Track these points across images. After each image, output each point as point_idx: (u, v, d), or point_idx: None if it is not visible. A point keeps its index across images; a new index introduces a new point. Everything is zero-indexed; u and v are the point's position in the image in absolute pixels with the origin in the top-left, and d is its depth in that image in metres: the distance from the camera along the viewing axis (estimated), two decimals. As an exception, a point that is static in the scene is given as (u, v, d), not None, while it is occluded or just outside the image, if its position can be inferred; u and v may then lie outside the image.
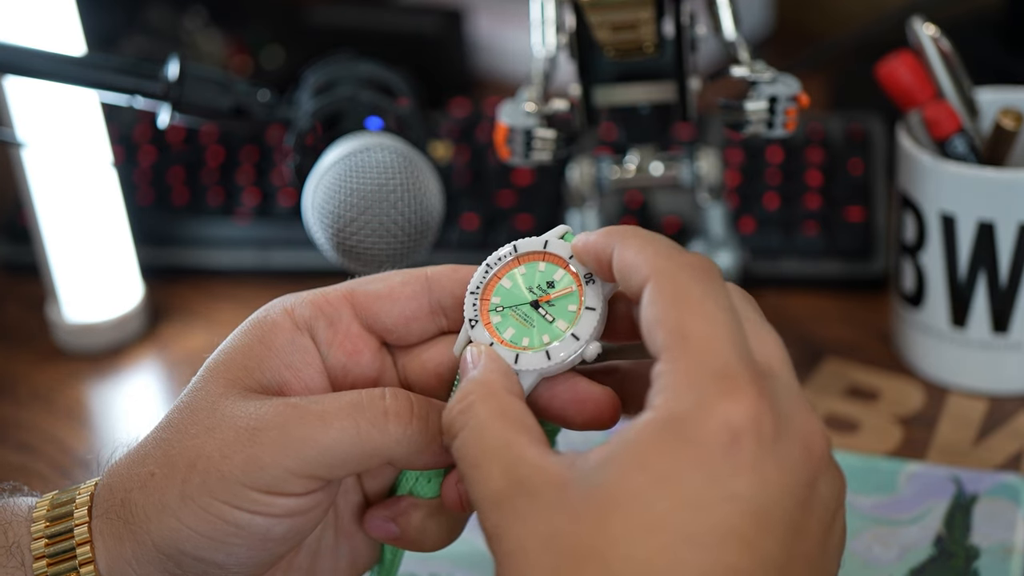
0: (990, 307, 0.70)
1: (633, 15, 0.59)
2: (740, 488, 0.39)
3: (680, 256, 0.43)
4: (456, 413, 0.44)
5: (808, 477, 0.41)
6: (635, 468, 0.40)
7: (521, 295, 0.47)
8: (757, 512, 0.39)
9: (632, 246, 0.44)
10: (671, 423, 0.40)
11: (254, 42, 1.06)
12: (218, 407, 0.46)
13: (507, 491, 0.41)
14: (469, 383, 0.44)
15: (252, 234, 0.88)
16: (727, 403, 0.40)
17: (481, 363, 0.45)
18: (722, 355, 0.40)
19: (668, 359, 0.41)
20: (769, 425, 0.40)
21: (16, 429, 0.76)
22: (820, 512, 0.41)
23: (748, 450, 0.39)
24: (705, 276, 0.42)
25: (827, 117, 0.91)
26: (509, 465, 0.41)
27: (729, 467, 0.39)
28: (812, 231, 0.83)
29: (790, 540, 0.40)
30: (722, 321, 0.41)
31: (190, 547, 0.45)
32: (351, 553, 0.51)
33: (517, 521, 0.40)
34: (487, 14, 1.11)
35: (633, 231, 0.45)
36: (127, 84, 0.66)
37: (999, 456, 0.68)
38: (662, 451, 0.40)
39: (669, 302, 0.42)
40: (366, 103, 0.66)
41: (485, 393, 0.44)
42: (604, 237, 0.45)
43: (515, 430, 0.42)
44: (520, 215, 0.86)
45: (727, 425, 0.39)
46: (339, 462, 0.45)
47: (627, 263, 0.44)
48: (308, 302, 0.49)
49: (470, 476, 0.42)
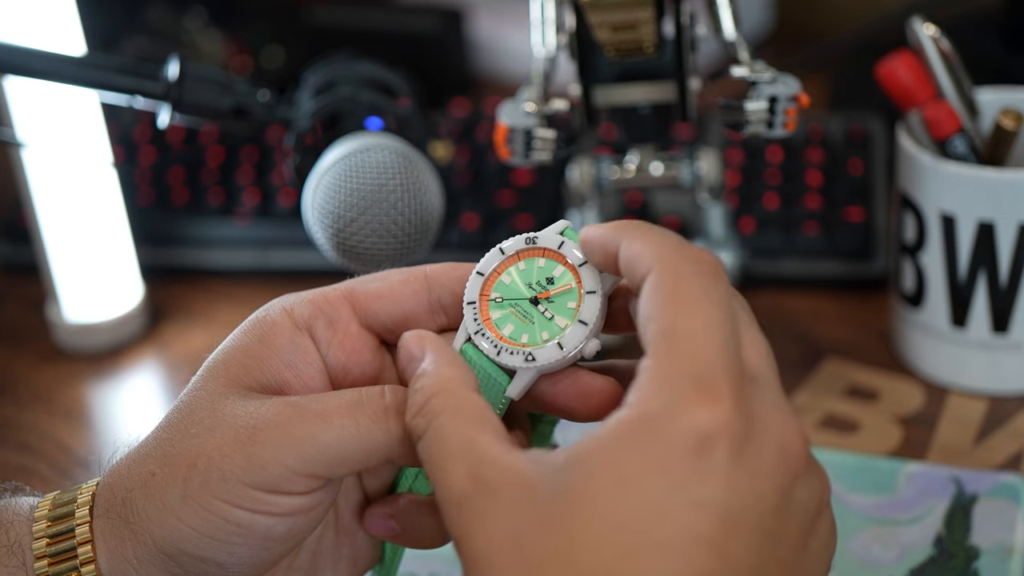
0: (990, 307, 0.70)
1: (633, 15, 0.59)
2: (708, 494, 0.38)
3: (685, 250, 0.43)
4: (418, 416, 0.43)
5: (783, 482, 0.40)
6: (601, 469, 0.39)
7: (520, 291, 0.47)
8: (726, 517, 0.38)
9: (639, 238, 0.44)
10: (641, 423, 0.40)
11: (254, 42, 1.06)
12: (218, 406, 0.46)
13: (471, 492, 0.40)
14: (426, 382, 0.44)
15: (252, 234, 0.88)
16: (700, 408, 0.39)
17: (430, 356, 0.44)
18: (705, 357, 0.40)
19: (653, 356, 0.41)
20: (741, 431, 0.39)
21: (16, 429, 0.76)
22: (798, 516, 0.41)
23: (717, 456, 0.39)
24: (707, 272, 0.42)
25: (827, 117, 0.91)
26: (472, 465, 0.41)
27: (695, 472, 0.39)
28: (812, 231, 0.83)
29: (764, 545, 0.39)
30: (715, 321, 0.41)
31: (191, 547, 0.45)
32: (352, 552, 0.51)
33: (481, 523, 0.40)
34: (487, 14, 1.12)
35: (641, 225, 0.45)
36: (127, 84, 0.66)
37: (999, 456, 0.68)
38: (629, 452, 0.39)
39: (666, 297, 0.42)
40: (366, 103, 0.66)
41: (441, 390, 0.43)
42: (612, 230, 0.45)
43: (476, 428, 0.42)
44: (520, 215, 0.86)
45: (696, 430, 0.39)
46: (340, 460, 0.45)
47: (633, 255, 0.44)
48: (308, 301, 0.48)
49: (435, 478, 0.42)
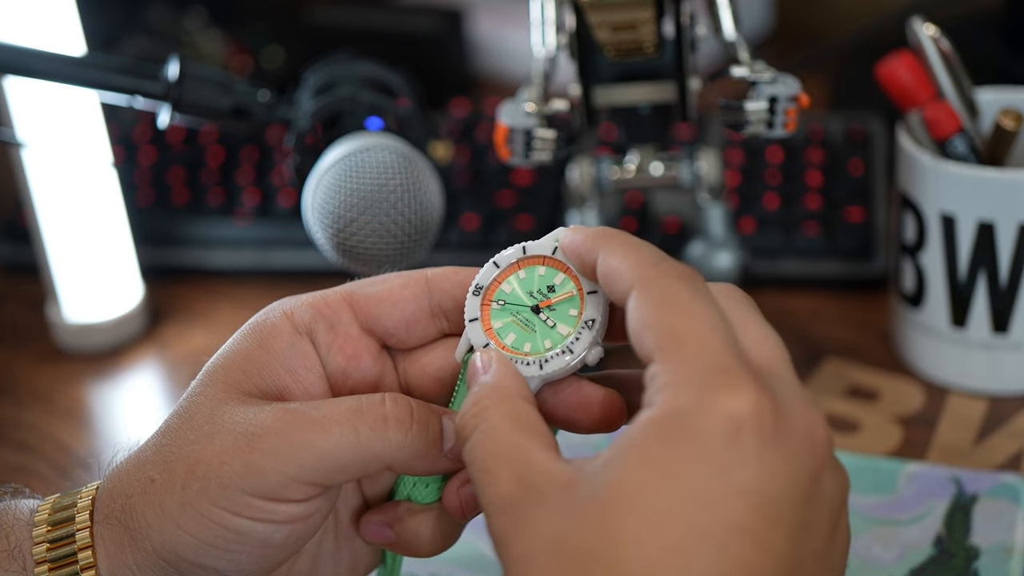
0: (990, 307, 0.70)
1: (633, 15, 0.59)
2: (746, 481, 0.39)
3: (664, 263, 0.43)
4: (469, 416, 0.44)
5: (812, 469, 0.40)
6: (639, 465, 0.39)
7: (521, 300, 0.47)
8: (764, 506, 0.39)
9: (616, 254, 0.44)
10: (673, 418, 0.40)
11: (254, 42, 1.06)
12: (217, 413, 0.46)
13: (516, 495, 0.41)
14: (482, 388, 0.44)
15: (252, 234, 0.88)
16: (728, 396, 0.39)
17: (493, 367, 0.45)
18: (718, 352, 0.40)
19: (662, 359, 0.41)
20: (770, 417, 0.39)
21: (16, 429, 0.76)
22: (826, 507, 0.41)
23: (751, 442, 0.39)
24: (690, 281, 0.42)
25: (827, 117, 0.91)
26: (518, 469, 0.41)
27: (733, 459, 0.39)
28: (812, 231, 0.83)
29: (798, 534, 0.40)
30: (713, 321, 0.41)
31: (190, 553, 0.45)
32: (352, 558, 0.50)
33: (525, 526, 0.40)
34: (487, 14, 1.11)
35: (619, 237, 0.44)
36: (127, 84, 0.66)
37: (999, 456, 0.68)
38: (665, 447, 0.39)
39: (657, 306, 0.42)
40: (366, 103, 0.66)
41: (498, 398, 0.44)
42: (590, 241, 0.45)
43: (526, 435, 0.42)
44: (520, 215, 0.86)
45: (729, 417, 0.39)
46: (338, 468, 0.45)
47: (611, 269, 0.44)
48: (308, 305, 0.48)
49: (479, 480, 0.42)
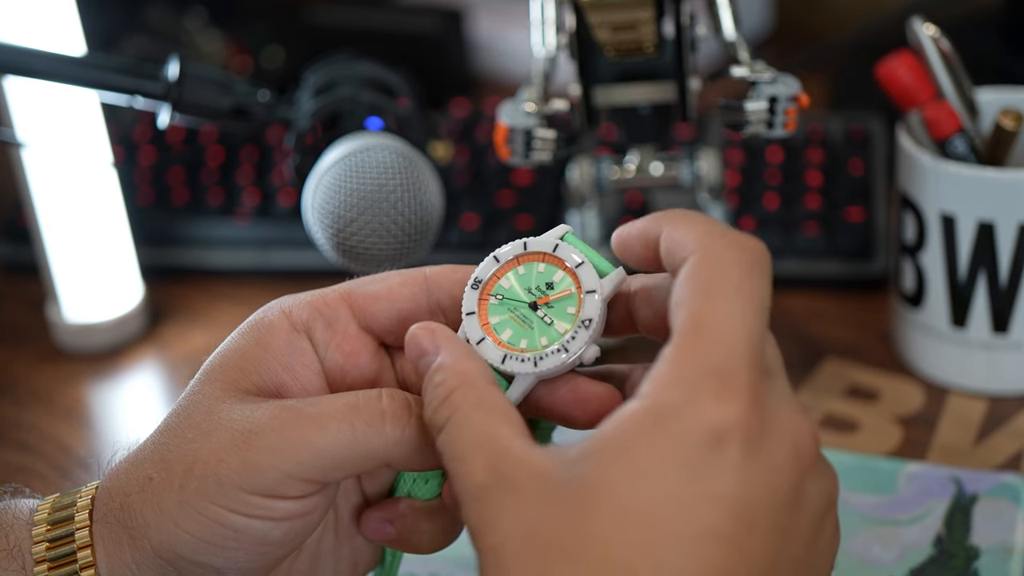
0: (990, 307, 0.70)
1: (633, 15, 0.59)
2: (722, 488, 0.39)
3: (731, 236, 0.43)
4: (439, 406, 0.43)
5: (795, 478, 0.40)
6: (616, 460, 0.39)
7: (519, 296, 0.47)
8: (741, 512, 0.39)
9: (681, 226, 0.44)
10: (655, 415, 0.40)
11: (254, 42, 1.06)
12: (214, 411, 0.46)
13: (490, 484, 0.40)
14: (444, 374, 0.43)
15: (252, 234, 0.88)
16: (715, 404, 0.39)
17: (446, 350, 0.44)
18: (729, 351, 0.40)
19: (676, 344, 0.41)
20: (756, 429, 0.39)
21: (16, 429, 0.76)
22: (809, 513, 0.41)
23: (732, 453, 0.39)
24: (748, 261, 0.42)
25: (827, 117, 0.91)
26: (492, 458, 0.41)
27: (711, 467, 0.39)
28: (812, 231, 0.83)
29: (776, 541, 0.40)
30: (744, 313, 0.41)
31: (188, 552, 0.45)
32: (352, 555, 0.50)
33: (499, 515, 0.40)
34: (487, 14, 1.11)
35: (684, 212, 0.45)
36: (127, 84, 0.66)
37: (999, 456, 0.68)
38: (644, 445, 0.39)
39: (700, 285, 0.41)
40: (366, 103, 0.66)
41: (464, 384, 0.43)
42: (653, 220, 0.45)
43: (497, 422, 0.42)
44: (520, 215, 0.86)
45: (711, 425, 0.39)
46: (336, 465, 0.45)
47: (675, 241, 0.43)
48: (306, 303, 0.48)
49: (454, 469, 0.42)
